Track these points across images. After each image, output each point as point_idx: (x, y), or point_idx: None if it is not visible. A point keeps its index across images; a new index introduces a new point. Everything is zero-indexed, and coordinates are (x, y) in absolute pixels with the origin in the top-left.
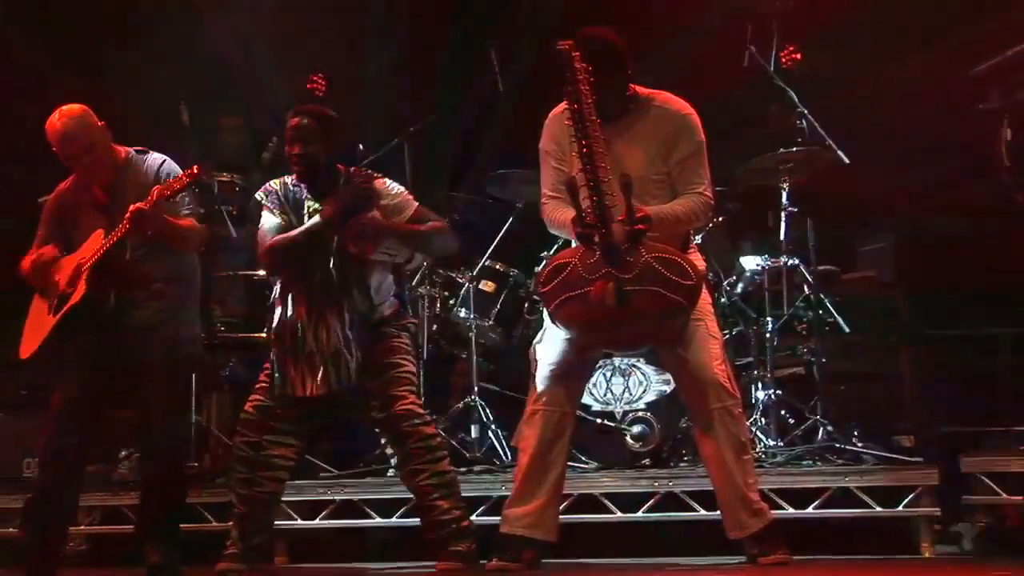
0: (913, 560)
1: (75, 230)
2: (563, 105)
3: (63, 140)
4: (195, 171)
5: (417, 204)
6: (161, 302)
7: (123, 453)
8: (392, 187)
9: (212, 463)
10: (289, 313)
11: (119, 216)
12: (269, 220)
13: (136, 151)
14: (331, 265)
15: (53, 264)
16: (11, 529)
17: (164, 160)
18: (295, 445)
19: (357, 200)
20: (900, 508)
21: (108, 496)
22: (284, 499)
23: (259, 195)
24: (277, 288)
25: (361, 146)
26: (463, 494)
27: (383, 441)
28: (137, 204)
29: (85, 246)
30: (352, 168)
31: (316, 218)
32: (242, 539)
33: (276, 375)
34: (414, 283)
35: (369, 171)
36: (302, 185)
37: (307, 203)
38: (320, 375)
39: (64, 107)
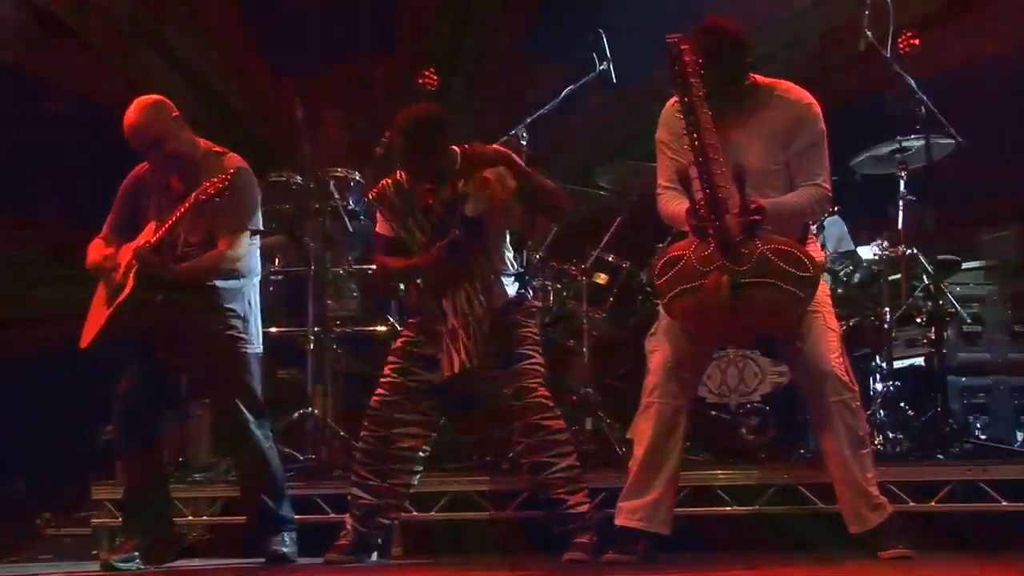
0: None
1: (145, 215)
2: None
3: (131, 132)
4: (224, 180)
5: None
6: (208, 295)
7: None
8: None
9: (328, 455)
10: (427, 296)
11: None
12: (380, 226)
13: (214, 150)
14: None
15: (113, 255)
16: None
17: (236, 168)
18: (423, 436)
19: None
20: None
21: (228, 488)
22: None
23: (371, 196)
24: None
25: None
26: None
27: (501, 432)
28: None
29: (140, 236)
30: (465, 146)
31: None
32: (357, 530)
33: (435, 360)
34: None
35: (475, 144)
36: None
37: (424, 191)
38: (465, 347)
39: (141, 97)
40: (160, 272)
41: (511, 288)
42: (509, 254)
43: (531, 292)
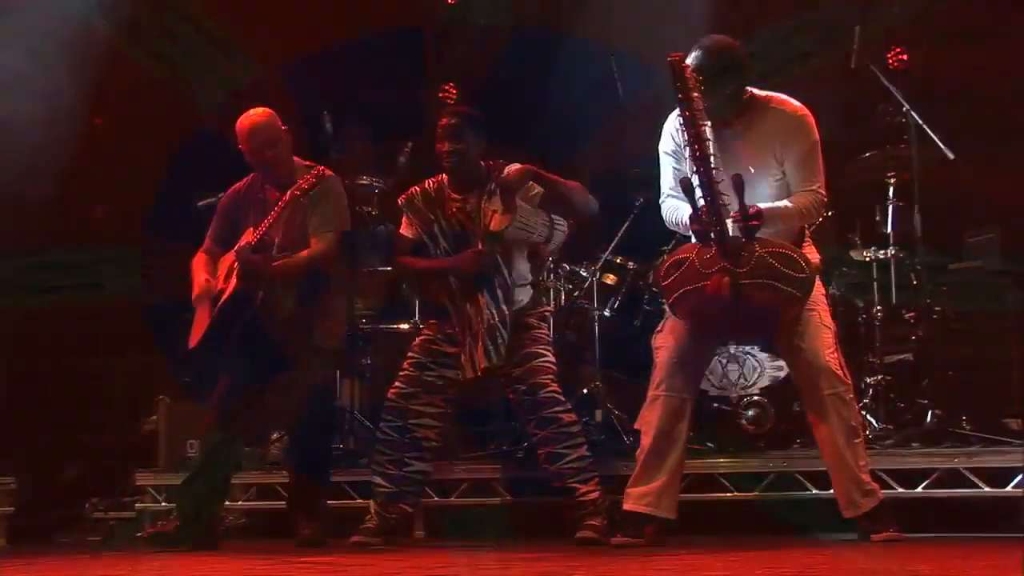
0: (1021, 539)
1: (244, 224)
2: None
3: (252, 131)
4: (320, 171)
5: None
6: (301, 296)
7: (275, 436)
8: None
9: (355, 444)
10: (446, 300)
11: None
12: (405, 228)
13: (306, 164)
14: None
15: (215, 265)
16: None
17: (326, 176)
18: (438, 427)
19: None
20: (1009, 488)
21: (263, 475)
22: None
23: (401, 201)
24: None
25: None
26: None
27: (517, 423)
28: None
29: (240, 243)
30: (490, 162)
31: (441, 261)
32: (381, 515)
33: (452, 357)
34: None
35: (501, 162)
36: (443, 181)
37: (450, 200)
38: (481, 351)
39: (253, 108)
40: (259, 270)
41: (526, 295)
42: (525, 264)
43: (542, 298)
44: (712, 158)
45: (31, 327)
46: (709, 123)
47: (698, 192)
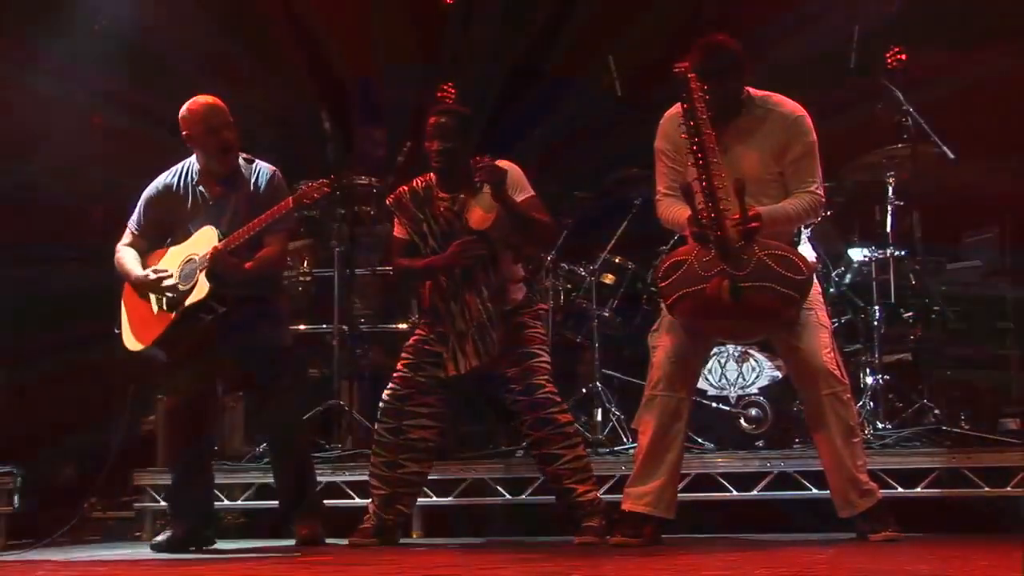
0: (1021, 538)
1: (179, 219)
2: (677, 107)
3: (213, 111)
4: (331, 181)
5: (533, 194)
6: (260, 294)
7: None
8: (513, 169)
9: (353, 444)
10: (436, 299)
11: (229, 214)
12: (398, 230)
13: (244, 156)
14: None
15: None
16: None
17: (274, 172)
18: (434, 427)
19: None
20: (1008, 488)
21: (261, 475)
22: None
23: (389, 201)
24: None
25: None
26: None
27: (513, 424)
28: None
29: (195, 241)
30: (477, 157)
31: (435, 259)
32: (378, 515)
33: (429, 360)
34: (540, 275)
35: (488, 158)
36: (431, 180)
37: (438, 199)
38: (470, 349)
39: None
40: (233, 272)
41: (519, 293)
42: (515, 264)
43: (537, 296)
44: (715, 165)
45: (31, 326)
46: (712, 132)
47: (698, 196)
